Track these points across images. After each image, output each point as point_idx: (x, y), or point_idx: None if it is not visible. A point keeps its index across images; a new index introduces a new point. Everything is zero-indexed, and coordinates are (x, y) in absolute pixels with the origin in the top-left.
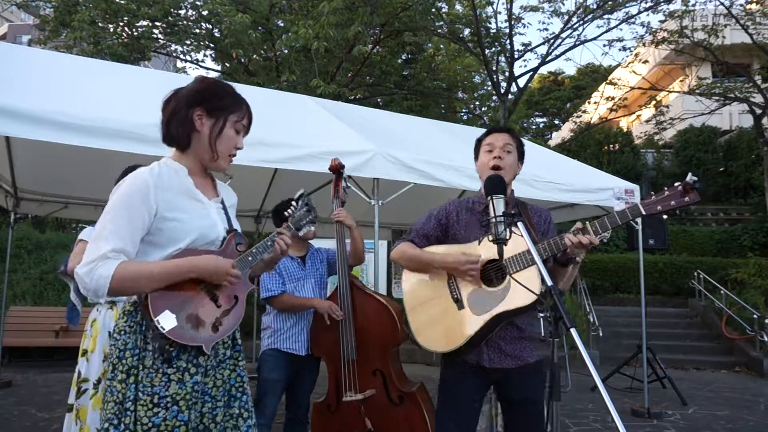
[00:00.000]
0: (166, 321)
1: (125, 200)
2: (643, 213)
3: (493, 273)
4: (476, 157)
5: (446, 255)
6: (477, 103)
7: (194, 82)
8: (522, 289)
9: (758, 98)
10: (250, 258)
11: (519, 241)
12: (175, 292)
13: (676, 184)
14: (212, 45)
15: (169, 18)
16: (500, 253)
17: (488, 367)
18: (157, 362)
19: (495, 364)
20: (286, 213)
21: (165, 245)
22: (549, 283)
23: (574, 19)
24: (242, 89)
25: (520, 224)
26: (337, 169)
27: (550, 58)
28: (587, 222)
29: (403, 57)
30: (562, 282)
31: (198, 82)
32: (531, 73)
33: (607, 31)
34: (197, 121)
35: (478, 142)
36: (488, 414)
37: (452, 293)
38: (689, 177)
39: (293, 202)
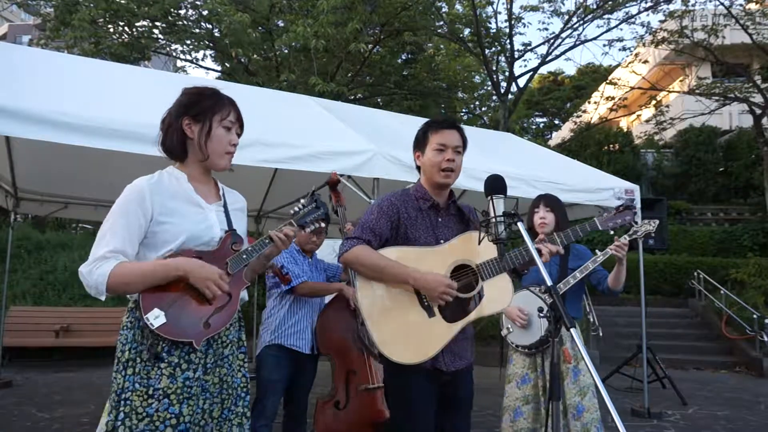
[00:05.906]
0: (155, 318)
1: (123, 206)
2: (599, 228)
3: (463, 278)
4: (419, 147)
5: (424, 275)
6: (477, 103)
7: (180, 95)
8: (495, 295)
9: (758, 98)
10: (245, 256)
11: (488, 247)
12: (167, 292)
13: (618, 206)
14: (212, 45)
15: (169, 18)
16: (501, 252)
17: (445, 370)
18: (151, 357)
19: (451, 367)
20: (291, 211)
21: (159, 247)
22: (549, 282)
23: (574, 19)
24: (242, 89)
25: (520, 224)
26: (335, 184)
27: (550, 58)
28: (554, 233)
29: (403, 57)
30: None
31: (182, 94)
32: (531, 73)
33: (607, 31)
34: (187, 129)
35: (425, 133)
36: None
37: (422, 301)
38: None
39: (302, 200)
